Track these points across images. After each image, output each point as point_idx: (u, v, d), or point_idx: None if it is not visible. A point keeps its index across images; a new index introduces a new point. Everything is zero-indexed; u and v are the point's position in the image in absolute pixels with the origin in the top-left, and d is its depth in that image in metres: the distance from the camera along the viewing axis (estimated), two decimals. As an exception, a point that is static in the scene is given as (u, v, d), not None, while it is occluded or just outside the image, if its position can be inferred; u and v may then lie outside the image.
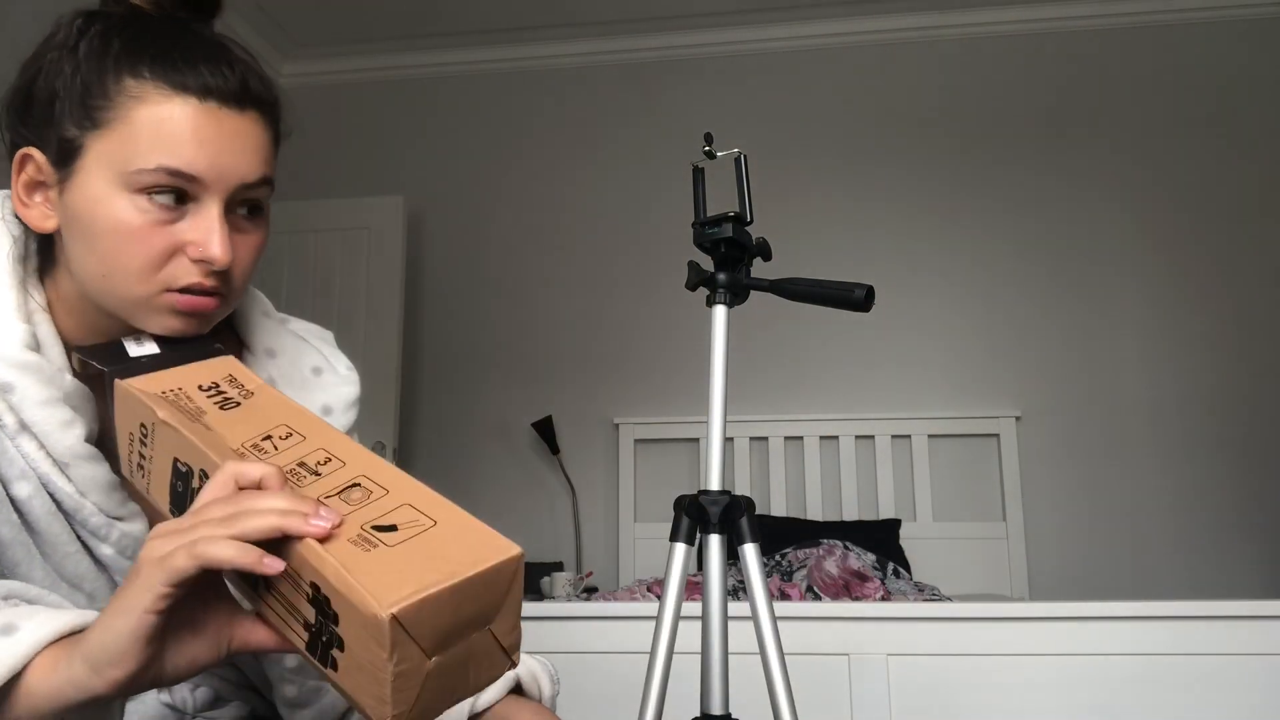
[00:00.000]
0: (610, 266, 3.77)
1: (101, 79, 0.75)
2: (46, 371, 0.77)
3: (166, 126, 0.74)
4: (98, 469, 0.79)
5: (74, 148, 0.76)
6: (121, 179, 0.74)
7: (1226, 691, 1.64)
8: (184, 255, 0.77)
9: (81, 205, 0.76)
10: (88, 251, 0.77)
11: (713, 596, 0.95)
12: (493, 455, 3.72)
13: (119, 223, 0.75)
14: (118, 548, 0.80)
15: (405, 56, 4.00)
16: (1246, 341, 3.39)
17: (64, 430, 0.77)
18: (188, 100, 0.75)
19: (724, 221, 0.97)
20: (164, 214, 0.75)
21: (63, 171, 0.77)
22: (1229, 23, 3.58)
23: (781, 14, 3.76)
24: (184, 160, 0.74)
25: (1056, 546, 3.36)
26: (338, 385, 0.99)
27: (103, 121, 0.75)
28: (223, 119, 0.76)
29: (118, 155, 0.74)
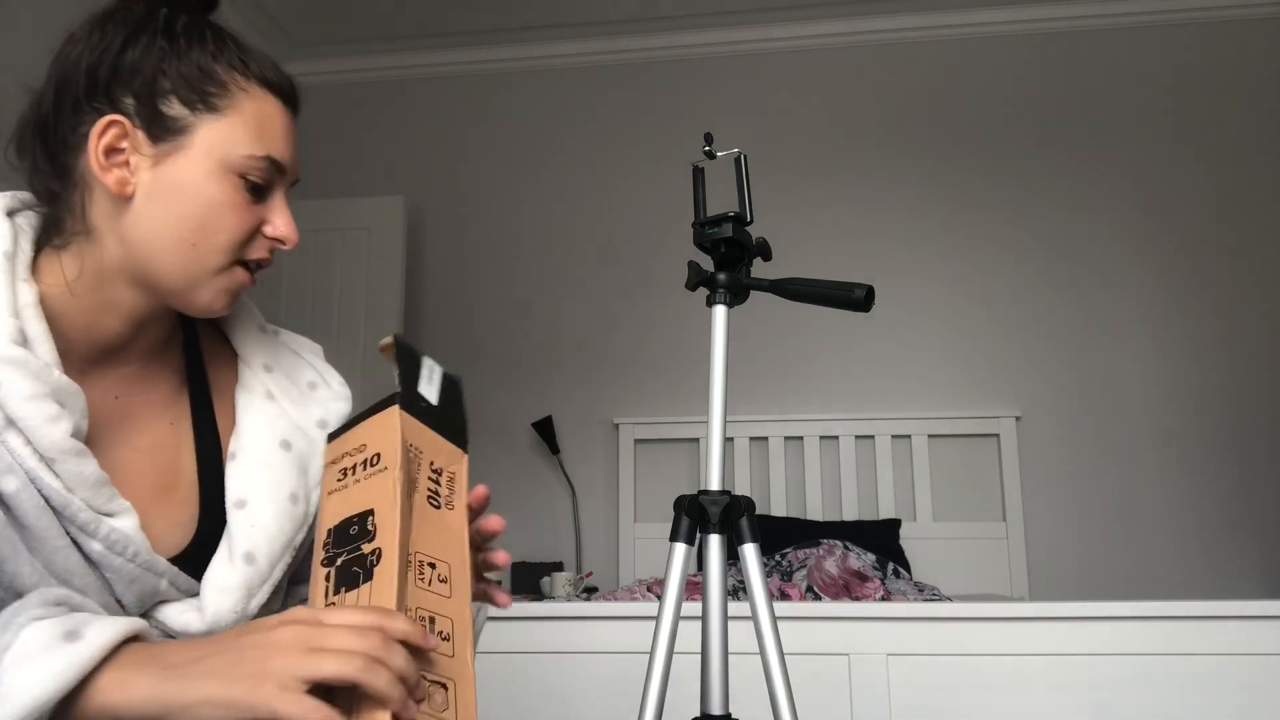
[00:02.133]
0: (610, 266, 3.78)
1: (212, 69, 0.84)
2: (33, 366, 0.77)
3: (268, 122, 0.86)
4: (85, 464, 0.79)
5: (179, 126, 0.82)
6: (227, 161, 0.83)
7: (1226, 691, 1.64)
8: (260, 233, 0.87)
9: (184, 179, 0.82)
10: (177, 222, 0.83)
11: (713, 596, 0.95)
12: (493, 455, 3.72)
13: (221, 200, 0.83)
14: (106, 544, 0.80)
15: (405, 56, 4.00)
16: (1246, 341, 3.39)
17: (50, 425, 0.77)
18: (277, 100, 0.87)
19: (724, 221, 0.97)
20: (251, 196, 0.85)
21: (161, 145, 0.82)
22: (1229, 23, 3.58)
23: (781, 14, 3.76)
24: (279, 152, 0.86)
25: (1056, 546, 3.36)
26: (332, 400, 1.02)
27: (217, 108, 0.83)
28: (290, 119, 0.89)
29: (228, 140, 0.83)
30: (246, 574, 0.88)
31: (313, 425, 0.98)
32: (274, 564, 0.90)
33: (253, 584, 0.88)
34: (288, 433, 0.96)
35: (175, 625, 0.85)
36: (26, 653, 0.64)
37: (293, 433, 0.96)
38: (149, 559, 0.83)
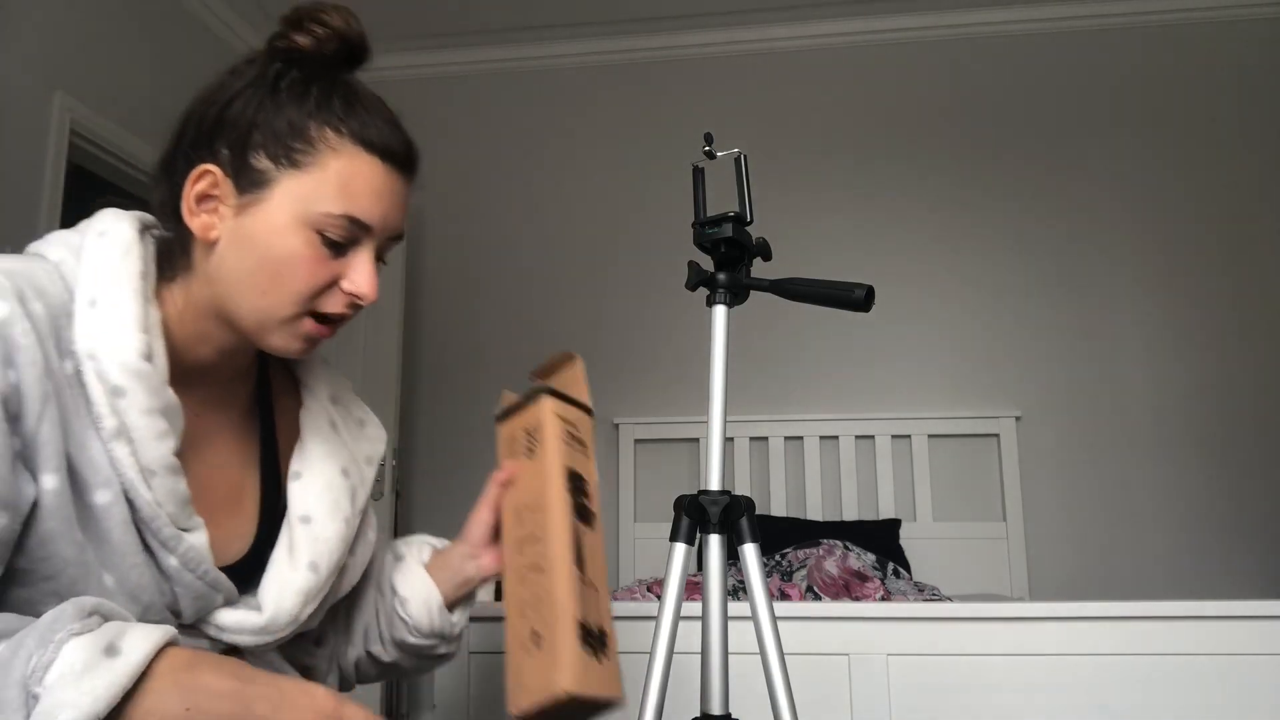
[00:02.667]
0: (610, 266, 3.77)
1: (304, 125, 0.85)
2: (154, 382, 0.82)
3: (355, 181, 0.86)
4: (178, 483, 0.83)
5: (264, 179, 0.85)
6: (305, 216, 0.85)
7: (1226, 691, 1.64)
8: (336, 287, 0.88)
9: (260, 230, 0.85)
10: (253, 270, 0.85)
11: (713, 596, 0.95)
12: (493, 455, 3.71)
13: (294, 253, 0.85)
14: (183, 560, 0.84)
15: (405, 56, 4.00)
16: (1246, 341, 3.39)
17: (158, 441, 0.81)
18: (373, 159, 0.87)
19: (724, 221, 0.97)
20: (330, 251, 0.86)
21: (245, 196, 0.85)
22: (1229, 23, 3.58)
23: (782, 14, 3.76)
24: (363, 211, 0.86)
25: (1056, 546, 3.36)
26: (375, 440, 1.09)
27: (300, 164, 0.85)
28: (393, 180, 0.89)
29: (307, 195, 0.85)
30: (310, 580, 0.93)
31: (363, 460, 1.05)
32: (330, 577, 0.96)
33: (312, 592, 0.94)
34: (346, 462, 1.02)
35: (228, 623, 0.89)
36: (70, 670, 0.65)
37: (349, 463, 1.03)
38: (215, 577, 0.87)
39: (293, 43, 0.90)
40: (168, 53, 3.33)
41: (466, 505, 1.15)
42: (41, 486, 0.76)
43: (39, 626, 0.68)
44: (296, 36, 0.90)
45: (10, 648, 0.66)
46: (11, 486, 0.74)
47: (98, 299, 0.82)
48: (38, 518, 0.77)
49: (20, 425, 0.75)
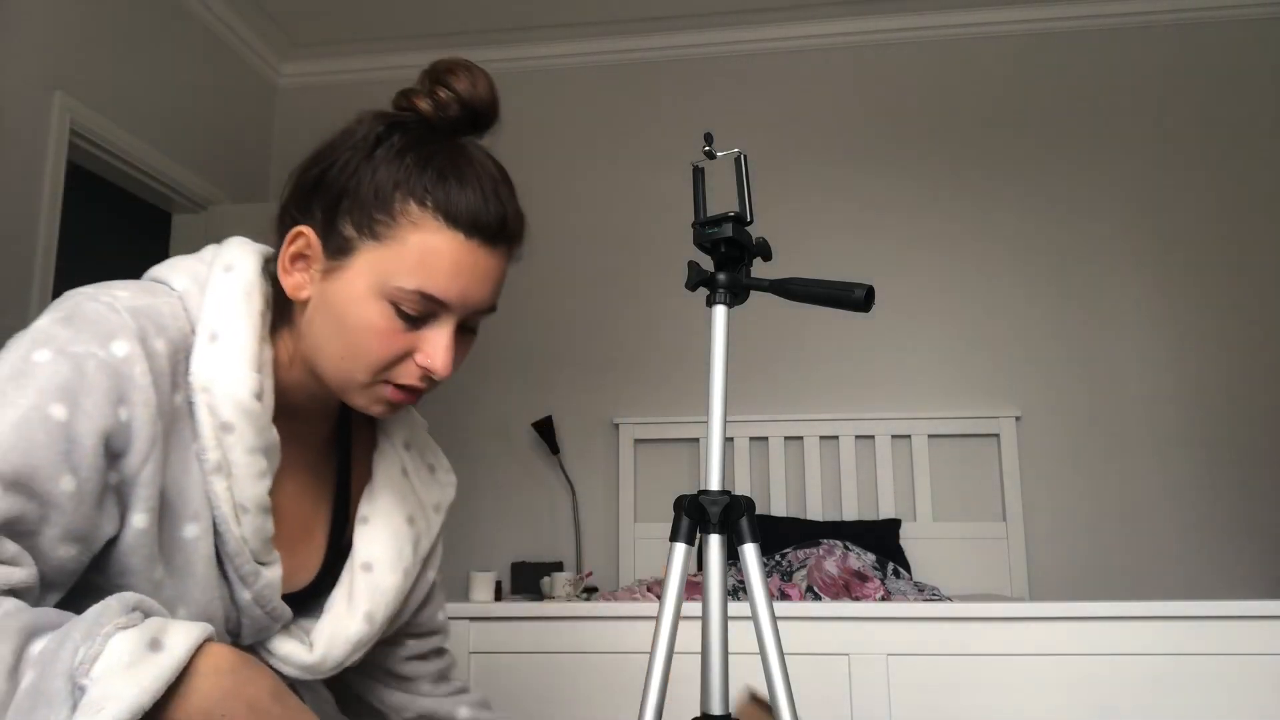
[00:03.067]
0: (610, 266, 3.77)
1: (389, 196, 0.84)
2: (261, 422, 0.84)
3: (432, 257, 0.83)
4: (266, 521, 0.85)
5: (349, 246, 0.84)
6: (381, 288, 0.83)
7: (1227, 691, 1.64)
8: (411, 359, 0.87)
9: (340, 297, 0.84)
10: (333, 335, 0.86)
11: (713, 596, 0.95)
12: (493, 455, 3.72)
13: (369, 323, 0.84)
14: (256, 594, 0.86)
15: (405, 56, 3.99)
16: (1246, 341, 3.39)
17: (257, 480, 0.84)
18: (455, 235, 0.84)
19: (724, 221, 0.97)
20: (407, 323, 0.85)
21: (331, 261, 0.85)
22: (1229, 23, 3.58)
23: (781, 14, 3.76)
24: (438, 289, 0.84)
25: (1056, 546, 3.36)
26: (444, 486, 1.09)
27: (380, 235, 0.83)
28: (479, 255, 0.86)
29: (384, 268, 0.83)
30: (363, 631, 0.95)
31: (430, 507, 1.05)
32: (384, 627, 0.98)
33: (364, 641, 0.95)
34: (414, 510, 1.02)
35: (280, 654, 0.91)
36: (118, 663, 0.66)
37: (416, 510, 1.03)
38: (280, 610, 0.90)
39: (412, 104, 0.90)
40: (168, 53, 3.33)
41: (466, 504, 1.16)
42: (130, 524, 0.78)
43: (84, 620, 0.68)
44: (418, 100, 0.89)
45: (56, 640, 0.67)
46: (90, 521, 0.75)
47: (219, 334, 0.84)
48: (120, 550, 0.79)
49: (122, 462, 0.77)
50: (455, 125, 0.89)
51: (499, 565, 3.50)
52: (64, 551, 0.74)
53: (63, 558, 0.75)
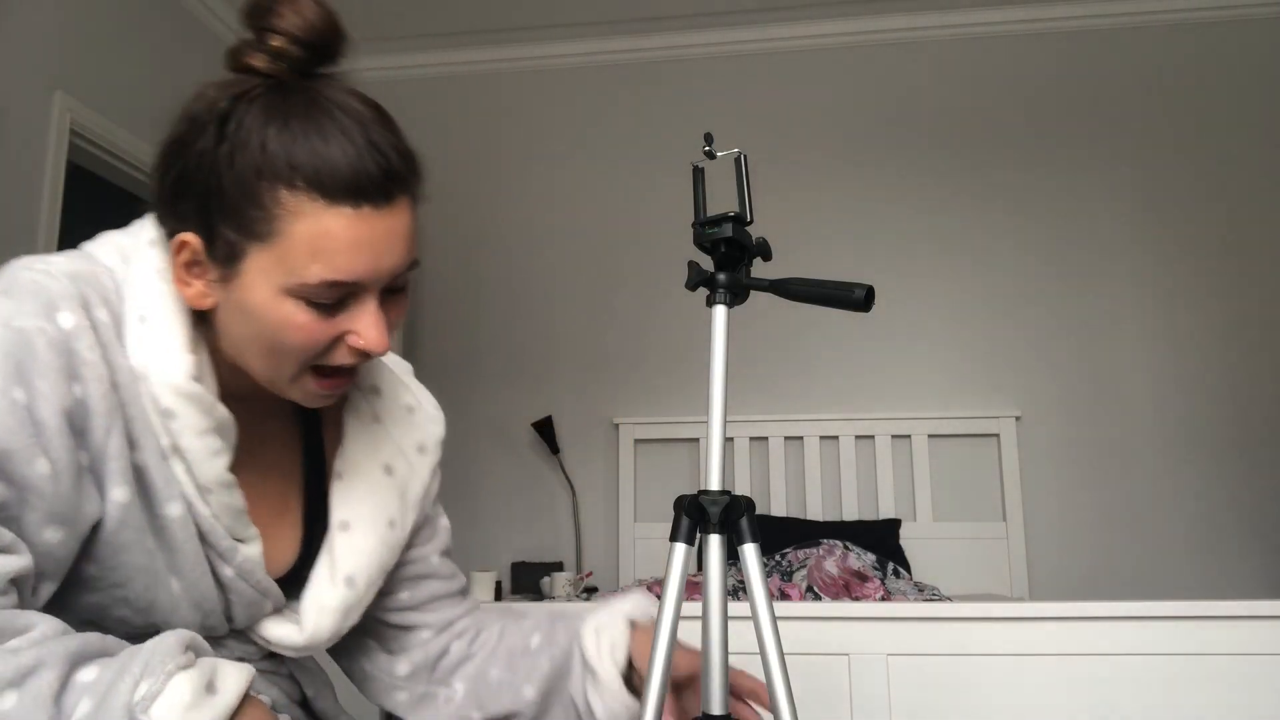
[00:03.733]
0: (610, 266, 3.78)
1: (253, 189, 0.74)
2: (205, 402, 0.80)
3: (324, 241, 0.75)
4: (234, 496, 0.83)
5: (234, 252, 0.76)
6: (284, 288, 0.76)
7: (1227, 691, 1.64)
8: (342, 342, 0.80)
9: (246, 304, 0.78)
10: (251, 338, 0.80)
11: (713, 597, 0.95)
12: (493, 455, 3.72)
13: (285, 322, 0.77)
14: (239, 570, 0.85)
15: (405, 56, 4.00)
16: (1246, 341, 3.39)
17: (212, 459, 0.81)
18: (341, 210, 0.75)
19: (724, 221, 0.97)
20: (325, 312, 0.78)
21: (224, 269, 0.77)
22: (1229, 23, 3.58)
23: (781, 14, 3.76)
24: (344, 271, 0.76)
25: (1056, 546, 3.36)
26: (428, 423, 1.02)
27: (261, 234, 0.75)
28: (376, 222, 0.77)
29: (279, 268, 0.75)
30: (346, 596, 0.91)
31: (412, 449, 1.00)
32: (372, 588, 0.94)
33: (351, 606, 0.92)
34: (391, 457, 0.97)
35: (273, 637, 0.91)
36: (179, 702, 0.67)
37: (395, 457, 0.98)
38: (266, 585, 0.88)
39: (246, 64, 0.77)
40: (167, 53, 3.33)
41: (467, 504, 1.15)
42: (111, 499, 0.77)
43: (142, 655, 0.69)
44: (251, 57, 0.77)
45: (114, 672, 0.67)
46: (71, 503, 0.74)
47: (147, 315, 0.79)
48: (109, 529, 0.78)
49: (87, 439, 0.75)
50: (302, 68, 0.78)
51: (499, 565, 3.50)
52: (49, 536, 0.74)
53: (49, 543, 0.74)
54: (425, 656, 1.04)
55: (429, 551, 1.05)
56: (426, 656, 1.04)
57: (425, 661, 1.04)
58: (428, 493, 1.02)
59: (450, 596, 1.08)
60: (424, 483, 1.01)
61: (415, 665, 1.04)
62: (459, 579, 1.10)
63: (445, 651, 1.05)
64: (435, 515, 1.08)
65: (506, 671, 1.05)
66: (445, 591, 1.07)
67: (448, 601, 1.07)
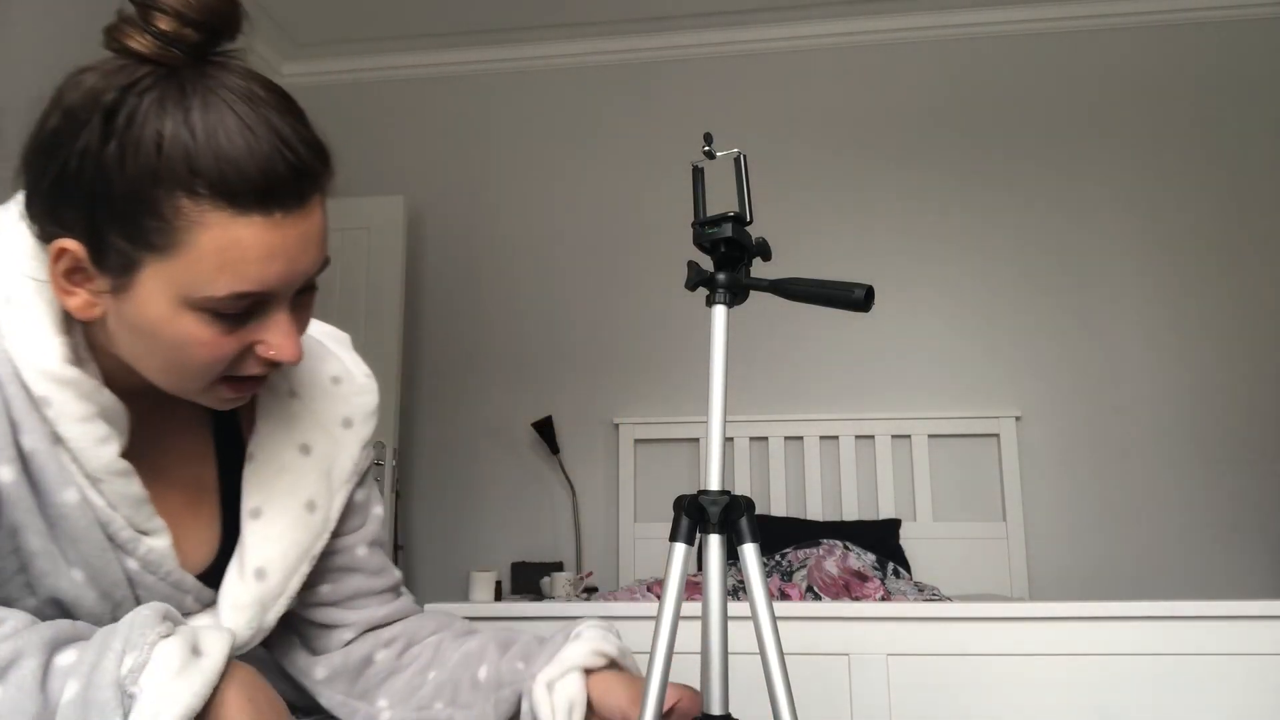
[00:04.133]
0: (610, 266, 3.78)
1: (150, 196, 0.67)
2: (85, 387, 0.75)
3: (233, 253, 0.68)
4: (130, 484, 0.78)
5: (127, 262, 0.69)
6: (187, 301, 0.70)
7: (1226, 691, 1.64)
8: (251, 353, 0.75)
9: (142, 319, 0.71)
10: (148, 352, 0.74)
11: (712, 597, 0.95)
12: (493, 455, 3.72)
13: (187, 337, 0.71)
14: (143, 562, 0.80)
15: (405, 56, 4.00)
16: (1246, 341, 3.39)
17: (99, 447, 0.76)
18: (251, 219, 0.68)
19: (723, 221, 0.97)
20: (232, 323, 0.72)
21: (113, 280, 0.70)
22: (1229, 23, 3.58)
23: (781, 14, 3.76)
24: (255, 282, 0.70)
25: (1056, 546, 3.36)
26: (357, 395, 0.96)
27: (159, 246, 0.68)
28: (288, 228, 0.70)
29: (180, 280, 0.69)
30: (258, 591, 0.86)
31: (336, 424, 0.93)
32: (288, 577, 0.88)
33: (266, 600, 0.86)
34: (308, 434, 0.91)
35: None
36: (167, 669, 0.67)
37: (314, 433, 0.91)
38: (179, 577, 0.83)
39: (129, 50, 0.69)
40: (168, 53, 3.33)
41: (467, 504, 1.15)
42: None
43: (121, 630, 0.68)
44: (132, 39, 0.69)
45: (94, 651, 0.67)
46: None
47: (12, 297, 0.74)
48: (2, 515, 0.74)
49: None
50: (194, 52, 0.69)
51: (499, 565, 3.50)
52: None
53: None
54: (345, 662, 0.96)
55: (355, 542, 0.97)
56: (346, 662, 0.96)
57: (345, 668, 0.96)
58: (358, 470, 0.95)
59: (376, 594, 1.00)
60: (353, 459, 0.94)
61: (333, 670, 0.96)
62: (389, 575, 1.01)
63: (369, 660, 0.97)
64: (367, 501, 0.99)
65: (447, 705, 0.95)
66: (370, 588, 0.99)
67: (374, 600, 0.99)
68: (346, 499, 0.94)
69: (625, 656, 0.97)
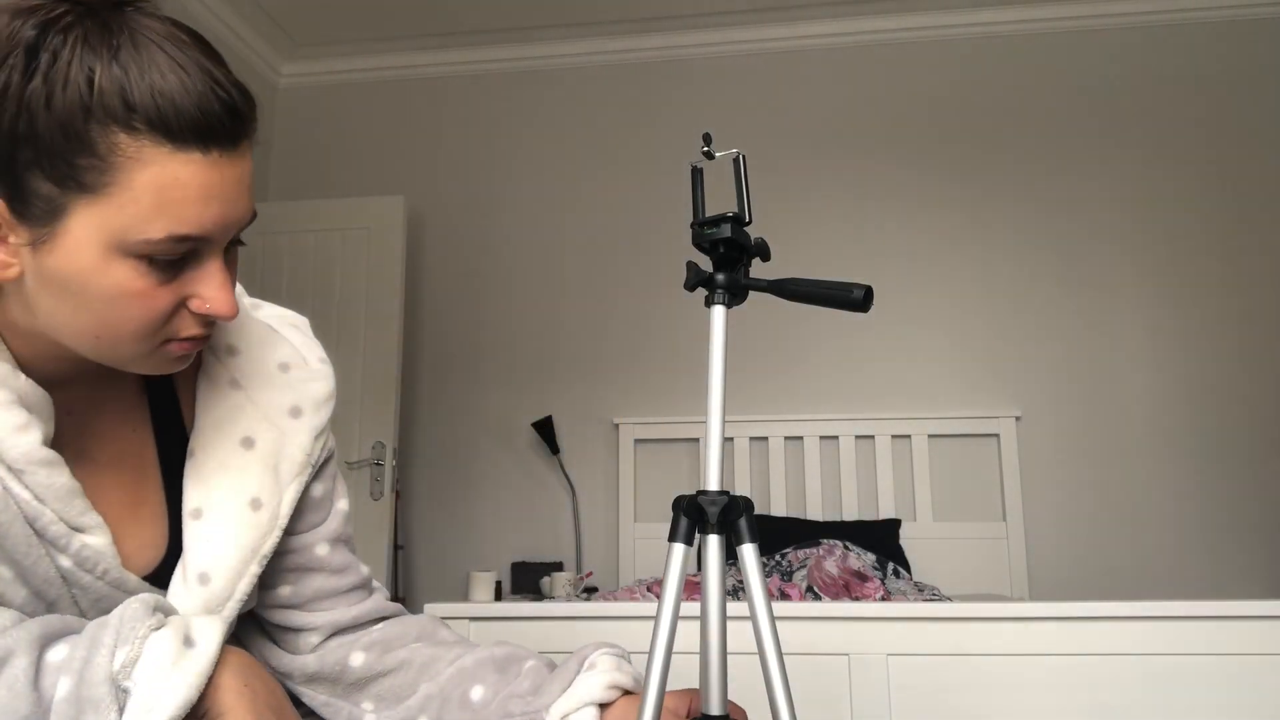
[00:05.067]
0: (610, 266, 3.78)
1: (84, 132, 0.63)
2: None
3: (172, 192, 0.66)
4: (56, 475, 0.73)
5: (53, 207, 0.65)
6: (120, 247, 0.66)
7: (1227, 691, 1.64)
8: (184, 309, 0.72)
9: (67, 270, 0.67)
10: (74, 312, 0.69)
11: (711, 597, 0.95)
12: (493, 455, 3.72)
13: (119, 289, 0.67)
14: (77, 560, 0.75)
15: (405, 56, 4.00)
16: (1246, 341, 3.39)
17: (18, 435, 0.71)
18: (190, 156, 0.66)
19: (722, 222, 0.97)
20: (165, 273, 0.69)
21: (35, 230, 0.66)
22: (1229, 23, 3.58)
23: (781, 14, 3.76)
24: (193, 225, 0.67)
25: (1056, 546, 3.36)
26: (307, 381, 0.90)
27: (91, 185, 0.64)
28: (224, 168, 0.68)
29: (114, 223, 0.65)
30: (203, 596, 0.81)
31: (282, 414, 0.87)
32: (235, 580, 0.82)
33: (211, 604, 0.81)
34: (251, 427, 0.85)
35: None
36: (160, 663, 0.66)
37: (257, 425, 0.85)
38: (119, 576, 0.78)
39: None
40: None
41: (467, 504, 1.14)
42: None
43: (110, 625, 0.68)
44: None
45: (85, 647, 0.66)
46: None
47: None
48: None
49: None
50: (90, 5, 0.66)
51: (499, 565, 3.51)
52: None
53: None
54: (320, 666, 0.92)
55: (313, 540, 0.92)
56: (322, 666, 0.92)
57: (320, 672, 0.93)
58: (311, 462, 0.88)
59: (342, 594, 0.94)
60: (304, 450, 0.88)
61: (309, 675, 0.93)
62: (354, 573, 0.96)
63: (344, 664, 0.93)
64: (328, 496, 0.94)
65: None
66: (334, 588, 0.94)
67: (339, 600, 0.94)
68: (298, 494, 0.88)
69: (639, 685, 0.91)
